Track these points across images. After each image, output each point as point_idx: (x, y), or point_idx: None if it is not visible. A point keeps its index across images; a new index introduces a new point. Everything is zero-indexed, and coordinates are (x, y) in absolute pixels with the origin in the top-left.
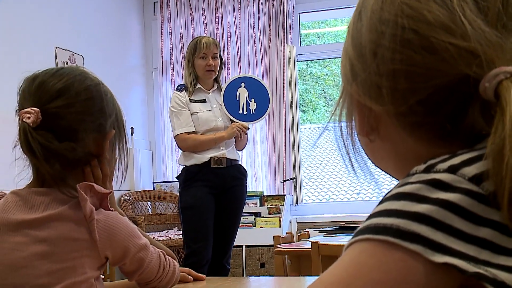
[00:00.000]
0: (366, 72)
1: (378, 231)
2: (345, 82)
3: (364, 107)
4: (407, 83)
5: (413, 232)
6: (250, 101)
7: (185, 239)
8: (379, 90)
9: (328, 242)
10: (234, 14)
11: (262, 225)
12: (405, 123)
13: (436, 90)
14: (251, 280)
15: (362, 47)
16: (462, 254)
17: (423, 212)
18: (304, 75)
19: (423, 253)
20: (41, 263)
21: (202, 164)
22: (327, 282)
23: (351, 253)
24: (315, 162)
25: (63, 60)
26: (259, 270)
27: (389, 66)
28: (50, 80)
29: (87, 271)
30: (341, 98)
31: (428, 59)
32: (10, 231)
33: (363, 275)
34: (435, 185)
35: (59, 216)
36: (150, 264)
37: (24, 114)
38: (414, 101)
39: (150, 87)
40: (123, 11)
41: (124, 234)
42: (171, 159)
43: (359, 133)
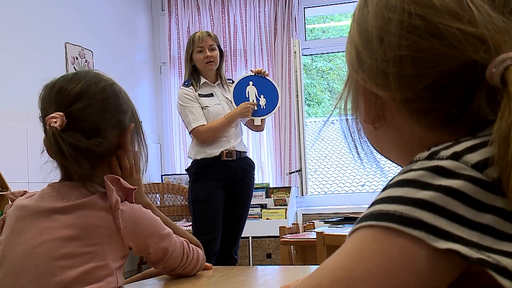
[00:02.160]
0: (372, 58)
1: (381, 217)
2: (351, 69)
3: (370, 94)
4: (414, 69)
5: (416, 219)
6: (259, 97)
7: (194, 231)
8: (386, 77)
9: (333, 233)
10: (240, 9)
11: (268, 216)
12: (412, 110)
13: (443, 76)
14: (258, 270)
15: (368, 34)
16: (465, 240)
17: (426, 198)
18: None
19: (426, 239)
20: (64, 245)
21: (212, 158)
22: (331, 268)
23: (354, 240)
24: (320, 155)
25: (73, 56)
26: (266, 261)
27: (396, 52)
28: (68, 85)
29: (108, 258)
30: (347, 85)
31: (435, 45)
32: (42, 217)
33: (366, 260)
34: (438, 172)
35: (87, 204)
36: (173, 253)
37: (51, 119)
38: (421, 87)
39: (158, 81)
40: (132, 7)
41: (148, 225)
42: (179, 152)
43: (365, 121)
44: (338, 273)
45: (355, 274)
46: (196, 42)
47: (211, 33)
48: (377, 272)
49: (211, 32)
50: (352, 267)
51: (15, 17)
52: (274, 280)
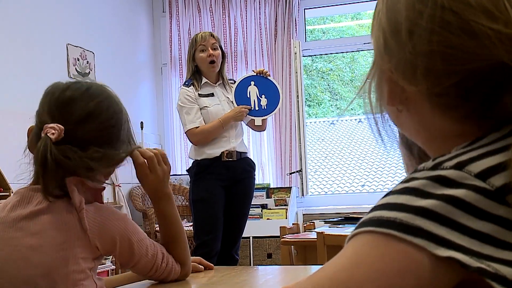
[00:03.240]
0: (401, 50)
1: (381, 224)
2: (377, 56)
3: (395, 84)
4: (443, 65)
5: (416, 227)
6: (261, 98)
7: (195, 231)
8: (414, 70)
9: (333, 233)
10: (240, 11)
11: (269, 216)
12: (438, 104)
13: (472, 74)
14: (258, 270)
15: (398, 24)
16: (465, 248)
17: (427, 207)
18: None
19: (427, 247)
20: (32, 254)
21: (213, 158)
22: (331, 270)
23: (354, 245)
24: (320, 155)
25: (74, 57)
26: (266, 261)
27: (425, 47)
28: (79, 100)
29: (80, 262)
30: (372, 70)
31: (466, 43)
32: (7, 228)
33: (366, 264)
34: (441, 182)
35: (51, 208)
36: (141, 261)
37: (49, 129)
38: (449, 83)
39: (159, 82)
40: (133, 8)
41: (115, 226)
42: (180, 153)
43: (388, 103)
44: (338, 276)
45: (355, 277)
46: (198, 41)
47: (213, 33)
48: (377, 276)
49: (213, 33)
50: (352, 270)
51: (16, 19)
52: (275, 280)
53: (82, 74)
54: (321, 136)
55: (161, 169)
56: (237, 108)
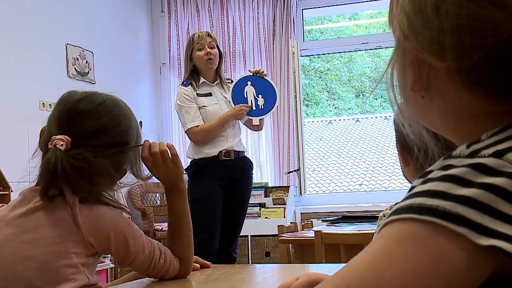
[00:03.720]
0: (427, 28)
1: (423, 211)
2: (401, 39)
3: (422, 63)
4: (472, 39)
5: (459, 215)
6: (258, 97)
7: (194, 230)
8: (442, 46)
9: (331, 231)
10: (239, 11)
11: (267, 215)
12: (466, 80)
13: (502, 46)
14: (256, 268)
15: (422, 3)
16: (508, 236)
17: (469, 195)
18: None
19: (469, 236)
20: (27, 249)
21: (211, 157)
22: (360, 268)
23: (387, 235)
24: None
25: (74, 56)
26: (264, 259)
27: (453, 22)
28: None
29: (73, 256)
30: (395, 53)
31: (495, 14)
32: (5, 225)
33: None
34: (481, 170)
35: (45, 205)
36: (138, 257)
37: (57, 141)
38: (478, 57)
39: (158, 82)
40: (132, 8)
41: (108, 223)
42: (179, 152)
43: (411, 89)
44: (367, 275)
45: (385, 276)
46: (196, 40)
47: (210, 33)
48: (407, 277)
49: (210, 32)
50: (382, 270)
51: (16, 19)
52: (273, 278)
53: (81, 73)
54: (319, 135)
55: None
56: (237, 106)
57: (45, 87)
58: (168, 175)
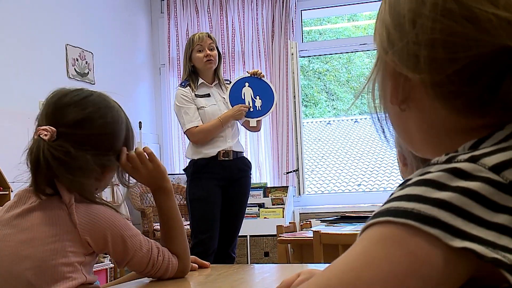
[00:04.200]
0: (404, 41)
1: (399, 214)
2: (381, 51)
3: (399, 76)
4: (446, 53)
5: (434, 217)
6: (255, 99)
7: (192, 230)
8: (417, 59)
9: (329, 231)
10: (238, 12)
11: (266, 215)
12: (441, 93)
13: (474, 61)
14: (255, 268)
15: (401, 16)
16: (481, 239)
17: (444, 198)
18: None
19: (442, 238)
20: (24, 248)
21: (209, 158)
22: (339, 269)
23: (367, 237)
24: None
25: (74, 57)
26: (263, 259)
27: (428, 36)
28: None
29: (69, 255)
30: (376, 67)
31: (468, 30)
32: (2, 226)
33: (375, 265)
34: (456, 174)
35: (42, 205)
36: (136, 255)
37: (41, 131)
38: (452, 71)
39: (157, 82)
40: (131, 9)
41: (105, 222)
42: (178, 152)
43: (391, 102)
44: (346, 276)
45: (363, 277)
46: (196, 41)
47: (210, 34)
48: (384, 278)
49: (210, 33)
50: (361, 271)
51: (16, 19)
52: (272, 278)
53: (81, 74)
54: (317, 136)
55: (150, 164)
56: (236, 107)
57: (45, 87)
58: (150, 177)
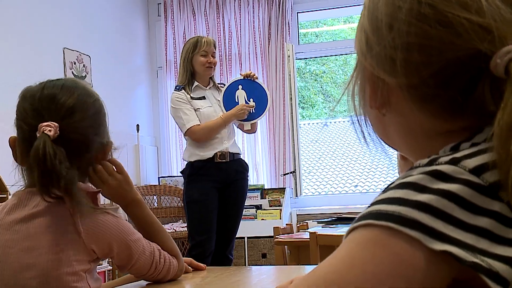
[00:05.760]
0: (381, 45)
1: (380, 217)
2: (360, 55)
3: (377, 80)
4: (421, 56)
5: (414, 219)
6: (249, 101)
7: (189, 232)
8: (393, 63)
9: (326, 233)
10: (234, 14)
11: (263, 217)
12: (417, 96)
13: (449, 64)
14: (252, 270)
15: (378, 21)
16: (460, 242)
17: (424, 201)
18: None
19: (422, 240)
20: (28, 257)
21: (206, 160)
22: (324, 271)
23: (351, 240)
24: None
25: (71, 60)
26: (261, 260)
27: (404, 39)
28: (61, 95)
29: (74, 264)
30: (355, 71)
31: (442, 33)
32: (4, 230)
33: (358, 266)
34: (437, 176)
35: (46, 211)
36: (139, 260)
37: (45, 127)
38: (427, 74)
39: (154, 85)
40: (128, 12)
41: (110, 228)
42: (176, 155)
43: (371, 106)
44: (330, 277)
45: (347, 278)
46: (203, 46)
47: (215, 42)
48: (368, 278)
49: (215, 42)
50: (345, 272)
51: (13, 22)
52: (268, 280)
53: (78, 77)
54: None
55: (119, 176)
56: (239, 106)
57: None
58: (120, 190)
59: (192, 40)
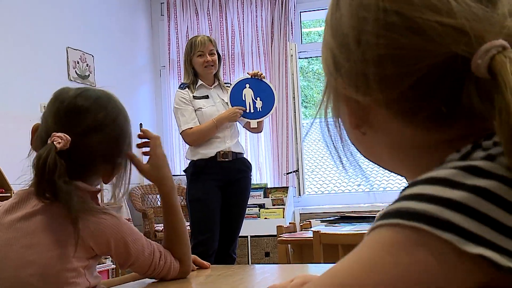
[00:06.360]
0: (350, 61)
1: (409, 216)
2: (328, 76)
3: (351, 100)
4: (395, 68)
5: (446, 220)
6: (256, 100)
7: (192, 230)
8: (366, 78)
9: (329, 232)
10: (237, 14)
11: (267, 216)
12: (398, 111)
13: (427, 72)
14: (255, 268)
15: (344, 36)
16: (496, 246)
17: (457, 199)
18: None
19: (455, 243)
20: (29, 254)
21: (208, 158)
22: (340, 274)
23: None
24: (317, 155)
25: (74, 60)
26: (264, 259)
27: (374, 52)
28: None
29: (73, 260)
30: (325, 93)
31: (414, 41)
32: (5, 229)
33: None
34: (471, 171)
35: (45, 209)
36: (138, 260)
37: (56, 138)
38: (405, 86)
39: (158, 84)
40: (132, 12)
41: (108, 227)
42: (179, 154)
43: (350, 127)
44: (350, 281)
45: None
46: (198, 46)
47: (211, 38)
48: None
49: (211, 38)
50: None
51: (17, 22)
52: (272, 278)
53: (82, 76)
54: (317, 136)
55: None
56: (231, 109)
57: (46, 90)
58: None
59: (189, 42)
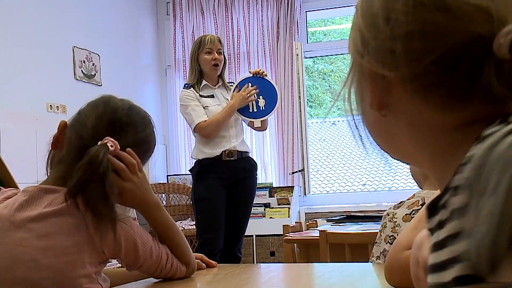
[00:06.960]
0: (378, 39)
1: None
2: (355, 55)
3: (376, 77)
4: (421, 43)
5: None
6: (259, 99)
7: (198, 230)
8: (393, 55)
9: (336, 231)
10: (243, 13)
11: (272, 215)
12: (420, 86)
13: (451, 49)
14: (261, 267)
15: (374, 16)
16: None
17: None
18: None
19: None
20: (42, 256)
21: (214, 158)
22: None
23: None
24: (322, 155)
25: (81, 59)
26: (269, 258)
27: (403, 29)
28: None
29: (87, 266)
30: (350, 73)
31: (441, 18)
32: (15, 227)
33: None
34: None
35: (60, 212)
36: (145, 263)
37: (110, 142)
38: (429, 61)
39: (163, 84)
40: (137, 11)
41: (120, 230)
42: (184, 153)
43: (371, 106)
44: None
45: None
46: (207, 43)
47: (220, 39)
48: None
49: (219, 38)
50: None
51: (23, 22)
52: (278, 278)
53: (88, 76)
54: (322, 136)
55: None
56: (237, 95)
57: (53, 89)
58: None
59: (197, 39)
